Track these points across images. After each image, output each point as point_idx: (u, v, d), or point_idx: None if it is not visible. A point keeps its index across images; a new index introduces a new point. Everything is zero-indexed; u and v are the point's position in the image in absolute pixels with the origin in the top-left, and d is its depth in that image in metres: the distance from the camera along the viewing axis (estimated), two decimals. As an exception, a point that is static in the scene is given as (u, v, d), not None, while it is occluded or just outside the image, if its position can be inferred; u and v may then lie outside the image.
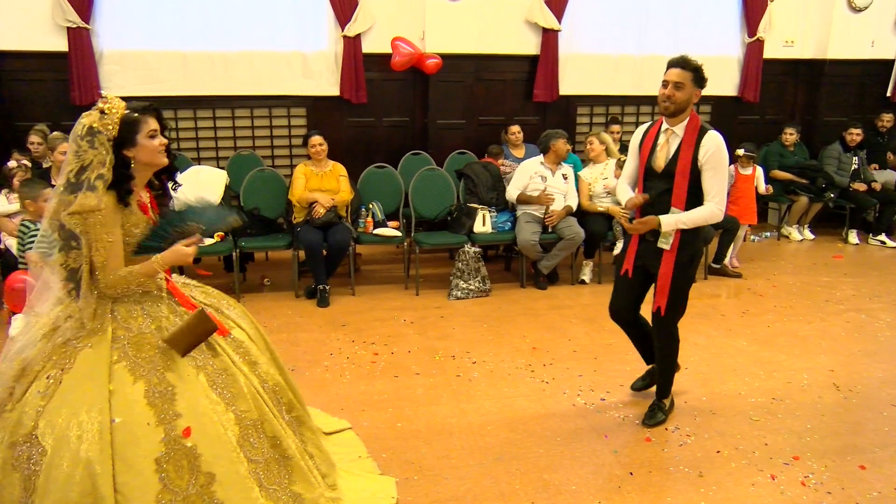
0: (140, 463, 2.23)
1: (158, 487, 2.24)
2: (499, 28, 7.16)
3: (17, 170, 4.89)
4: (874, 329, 5.04)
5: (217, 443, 2.34)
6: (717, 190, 3.26)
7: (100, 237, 2.30)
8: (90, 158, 2.29)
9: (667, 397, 3.67)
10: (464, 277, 5.65)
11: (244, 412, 2.46)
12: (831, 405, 3.86)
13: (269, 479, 2.50)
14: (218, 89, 6.71)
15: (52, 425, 2.21)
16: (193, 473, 2.29)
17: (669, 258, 3.34)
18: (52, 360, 2.32)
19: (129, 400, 2.26)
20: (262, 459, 2.49)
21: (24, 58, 6.23)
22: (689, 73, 3.23)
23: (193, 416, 2.32)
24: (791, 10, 8.04)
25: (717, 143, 3.27)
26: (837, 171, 7.63)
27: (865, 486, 3.09)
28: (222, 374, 2.46)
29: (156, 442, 2.26)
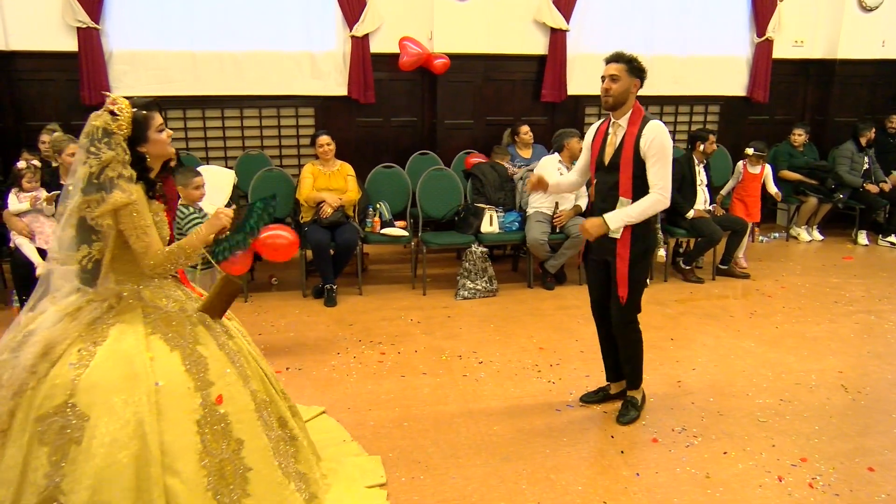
0: (183, 423, 2.36)
1: (200, 448, 2.36)
2: (507, 28, 7.15)
3: (26, 170, 4.91)
4: (883, 330, 5.01)
5: (244, 412, 2.50)
6: (661, 178, 3.29)
7: (137, 225, 2.42)
8: (109, 159, 2.40)
9: (636, 389, 3.68)
10: (471, 277, 5.65)
11: (256, 391, 2.61)
12: (840, 407, 3.84)
13: (279, 455, 2.63)
14: (227, 89, 6.73)
15: (93, 393, 2.27)
16: (226, 438, 2.44)
17: (623, 250, 3.37)
18: (82, 336, 2.39)
19: (169, 366, 2.40)
20: (273, 436, 2.63)
21: (34, 58, 6.27)
22: (623, 64, 3.29)
23: (223, 386, 2.48)
24: (801, 10, 8.00)
25: (657, 131, 3.28)
26: (850, 170, 7.59)
27: (874, 489, 3.07)
28: (238, 354, 2.63)
29: (196, 405, 2.39)
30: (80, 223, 2.45)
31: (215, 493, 2.37)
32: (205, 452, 2.37)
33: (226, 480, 2.41)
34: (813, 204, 7.53)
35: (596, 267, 3.60)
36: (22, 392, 2.31)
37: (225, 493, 2.40)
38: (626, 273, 3.40)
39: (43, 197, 4.92)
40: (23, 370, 2.33)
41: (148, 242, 2.45)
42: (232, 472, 2.43)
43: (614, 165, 3.36)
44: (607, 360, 3.80)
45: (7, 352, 2.41)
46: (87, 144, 2.43)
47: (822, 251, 7.32)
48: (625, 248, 3.37)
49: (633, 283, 3.42)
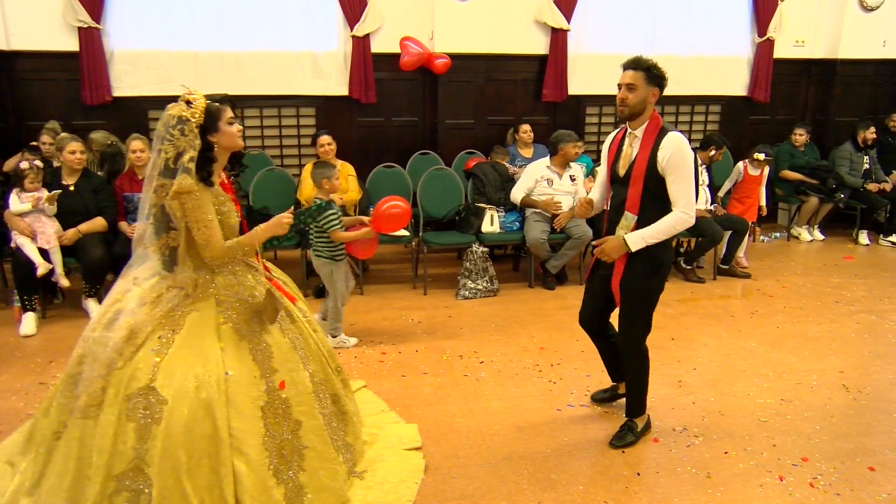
0: (249, 410, 2.57)
1: (264, 432, 2.58)
2: (508, 28, 7.16)
3: (29, 171, 4.92)
4: (885, 330, 5.01)
5: (302, 395, 2.72)
6: (683, 195, 3.07)
7: (199, 217, 2.59)
8: (183, 145, 2.57)
9: (639, 416, 3.47)
10: (472, 277, 5.65)
11: (314, 372, 2.86)
12: (841, 407, 3.84)
13: (331, 430, 2.88)
14: (229, 89, 6.68)
15: (170, 378, 2.49)
16: (287, 421, 2.67)
17: (620, 263, 3.20)
18: (161, 323, 2.60)
19: (238, 356, 2.61)
20: (327, 413, 2.88)
21: (35, 57, 6.28)
22: (641, 72, 3.09)
23: (286, 372, 2.70)
24: (802, 10, 8.00)
25: (676, 144, 3.06)
26: (850, 171, 7.59)
27: (875, 488, 3.07)
28: (299, 338, 2.85)
29: (260, 392, 2.61)
30: (157, 213, 2.63)
31: (276, 472, 2.60)
32: (267, 436, 2.59)
33: (285, 459, 2.64)
34: (814, 204, 7.53)
35: (600, 283, 3.39)
36: (111, 371, 2.54)
37: (284, 470, 2.63)
38: (617, 285, 3.23)
39: (45, 197, 4.92)
40: (112, 351, 2.56)
41: (208, 235, 2.61)
42: (290, 451, 2.66)
43: (629, 178, 3.16)
44: (607, 363, 3.73)
45: (100, 328, 2.63)
46: (163, 133, 2.58)
47: (824, 251, 7.32)
48: (621, 262, 3.19)
49: (644, 299, 3.25)
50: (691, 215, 3.10)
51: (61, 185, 5.10)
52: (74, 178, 5.16)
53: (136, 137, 5.30)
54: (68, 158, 5.09)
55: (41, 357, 4.43)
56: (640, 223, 3.14)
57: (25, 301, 4.89)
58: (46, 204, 4.92)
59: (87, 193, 5.14)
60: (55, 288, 5.32)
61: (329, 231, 4.37)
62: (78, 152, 5.09)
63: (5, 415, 3.66)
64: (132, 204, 5.29)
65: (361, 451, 3.12)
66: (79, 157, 5.10)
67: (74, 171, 5.14)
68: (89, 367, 2.60)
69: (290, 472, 2.66)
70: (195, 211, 2.57)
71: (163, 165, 2.58)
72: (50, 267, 4.88)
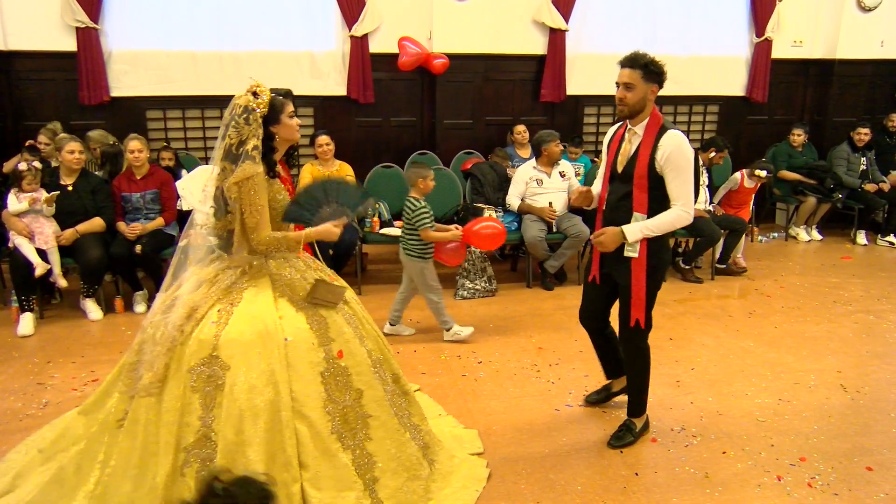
0: (309, 374, 2.67)
1: (325, 396, 2.68)
2: (506, 28, 7.16)
3: (27, 172, 4.91)
4: (882, 330, 5.02)
5: (361, 365, 2.79)
6: (683, 193, 3.07)
7: (253, 202, 2.69)
8: (247, 133, 2.69)
9: (639, 416, 3.46)
10: (470, 277, 5.65)
11: (371, 349, 2.90)
12: (839, 406, 3.84)
13: (396, 407, 2.91)
14: (226, 89, 6.67)
15: (232, 346, 2.61)
16: (348, 389, 2.74)
17: (639, 268, 3.16)
18: (220, 298, 2.73)
19: (295, 324, 2.72)
20: (388, 390, 2.91)
21: (33, 58, 6.27)
22: (638, 70, 3.06)
23: (343, 342, 2.78)
24: (800, 10, 8.00)
25: (675, 142, 3.05)
26: (847, 171, 7.60)
27: (873, 488, 3.08)
28: (353, 317, 2.92)
29: (320, 358, 2.71)
30: (217, 198, 2.76)
31: (339, 436, 2.68)
32: (329, 400, 2.68)
33: (349, 425, 2.72)
34: (812, 204, 7.53)
35: (603, 280, 3.39)
36: (173, 348, 2.66)
37: (349, 435, 2.71)
38: (643, 296, 3.18)
39: (43, 198, 4.91)
40: (173, 329, 2.68)
41: (258, 221, 2.71)
42: (354, 418, 2.74)
43: (627, 176, 3.15)
44: (603, 359, 3.71)
45: (159, 313, 2.76)
46: (229, 120, 2.71)
47: (821, 251, 7.33)
48: (641, 270, 3.15)
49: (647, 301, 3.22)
50: (690, 213, 3.11)
51: (59, 186, 5.10)
52: (73, 178, 5.15)
53: (134, 137, 5.29)
54: (67, 158, 5.08)
55: (39, 357, 4.43)
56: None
57: (23, 301, 4.89)
58: (44, 205, 4.92)
59: (86, 194, 5.14)
60: (53, 288, 5.32)
61: (420, 229, 4.47)
62: (77, 152, 5.09)
63: (3, 415, 3.66)
64: (130, 204, 5.29)
65: (430, 435, 3.11)
66: (77, 157, 5.10)
67: (73, 172, 5.14)
68: (150, 349, 2.71)
69: (355, 439, 2.72)
70: (250, 196, 2.68)
71: (226, 150, 2.71)
72: (48, 267, 4.87)
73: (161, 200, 5.38)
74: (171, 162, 5.96)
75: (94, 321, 5.06)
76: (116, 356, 4.43)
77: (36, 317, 4.95)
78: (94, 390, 3.10)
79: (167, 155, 5.99)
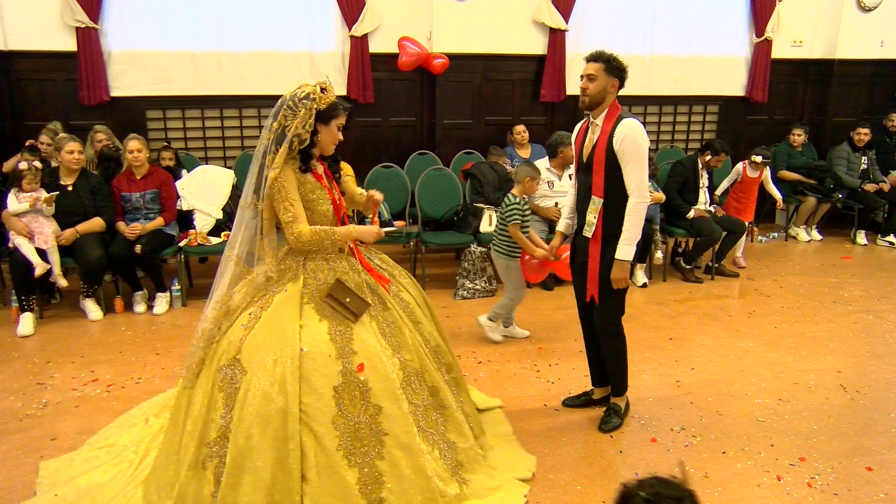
0: (321, 388, 2.64)
1: (335, 412, 2.63)
2: (506, 28, 7.16)
3: (27, 172, 4.91)
4: (882, 330, 5.02)
5: (385, 380, 2.72)
6: (636, 180, 3.20)
7: (285, 198, 2.74)
8: (298, 120, 2.75)
9: (620, 396, 3.60)
10: (470, 277, 5.65)
11: (407, 360, 2.85)
12: (838, 406, 3.84)
13: (427, 422, 2.85)
14: (227, 89, 6.74)
15: (253, 351, 2.66)
16: (364, 404, 2.68)
17: (595, 248, 3.31)
18: (254, 300, 2.81)
19: (315, 334, 2.69)
20: (421, 404, 2.84)
21: (33, 58, 6.27)
22: (601, 63, 3.22)
23: (366, 355, 2.71)
24: (799, 10, 8.00)
25: (630, 129, 3.18)
26: (847, 171, 7.60)
27: (872, 488, 3.08)
28: (391, 325, 2.86)
29: (335, 372, 2.66)
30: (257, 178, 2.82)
31: (347, 452, 2.63)
32: (340, 415, 2.63)
33: (361, 442, 2.66)
34: (812, 204, 7.53)
35: (580, 271, 3.48)
36: (209, 344, 2.77)
37: (358, 453, 2.65)
38: (596, 273, 3.32)
39: (43, 198, 4.91)
40: (211, 323, 2.80)
41: (293, 214, 2.76)
42: (368, 435, 2.67)
43: (590, 165, 3.30)
44: (592, 364, 3.74)
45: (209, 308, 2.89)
46: (288, 101, 2.77)
47: (821, 251, 7.33)
48: (596, 247, 3.31)
49: (606, 283, 3.32)
50: (645, 197, 3.23)
51: (59, 186, 5.10)
52: (72, 178, 5.15)
53: (133, 137, 5.29)
54: (66, 158, 5.08)
55: (39, 357, 4.42)
56: (605, 206, 3.27)
57: (23, 301, 4.89)
58: (44, 205, 4.92)
59: (85, 194, 5.14)
60: (53, 288, 5.32)
61: (509, 224, 4.50)
62: (76, 152, 5.09)
63: (3, 415, 3.66)
64: (130, 204, 5.29)
65: (466, 454, 2.97)
66: (77, 157, 5.10)
67: (72, 172, 5.14)
68: (196, 341, 2.83)
69: (366, 457, 2.66)
70: (281, 192, 2.74)
71: (276, 132, 2.77)
72: (48, 267, 4.87)
73: (161, 200, 5.38)
74: (170, 162, 5.96)
75: (93, 321, 5.06)
76: (116, 356, 4.44)
77: (36, 317, 4.94)
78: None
79: (167, 155, 5.99)
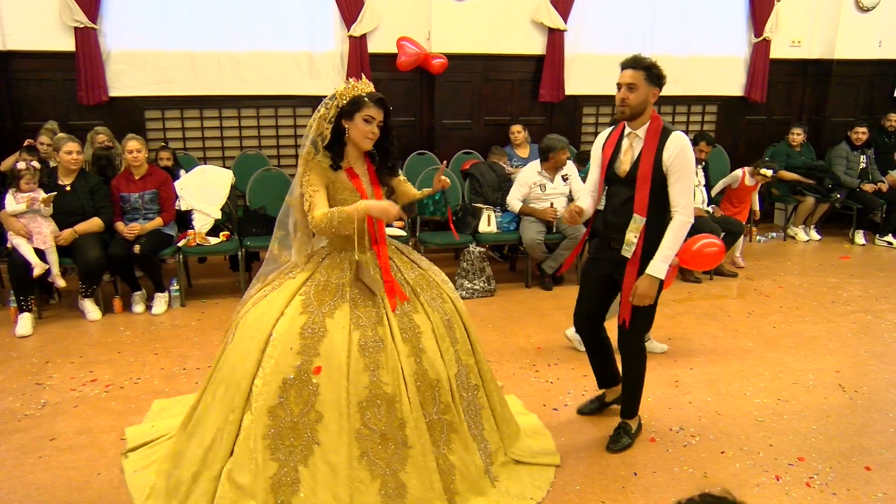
0: (271, 376, 2.67)
1: (276, 402, 2.66)
2: (505, 28, 7.15)
3: (26, 172, 4.91)
4: (881, 330, 5.02)
5: (336, 392, 2.66)
6: (683, 197, 3.07)
7: (306, 190, 2.81)
8: (323, 115, 2.83)
9: (632, 418, 3.44)
10: (469, 277, 5.65)
11: (382, 383, 2.70)
12: (837, 406, 3.85)
13: (376, 452, 2.70)
14: (225, 89, 6.73)
15: (244, 328, 2.81)
16: (307, 407, 2.66)
17: (633, 269, 3.14)
18: (272, 282, 2.95)
19: (289, 325, 2.72)
20: (377, 430, 2.69)
21: (32, 57, 6.26)
22: (641, 72, 3.04)
23: (328, 362, 2.67)
24: (798, 10, 8.01)
25: (681, 144, 3.04)
26: (846, 171, 7.61)
27: (871, 488, 3.08)
28: (377, 342, 2.74)
29: (289, 366, 2.67)
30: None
31: (272, 444, 2.65)
32: (279, 407, 2.66)
33: (290, 441, 2.66)
34: (810, 203, 7.54)
35: (596, 282, 3.38)
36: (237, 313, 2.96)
37: (283, 449, 2.66)
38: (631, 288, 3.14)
39: (41, 198, 4.91)
40: (246, 296, 3.01)
41: (311, 203, 2.79)
42: (300, 437, 2.66)
43: (631, 179, 3.11)
44: (596, 367, 3.64)
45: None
46: (326, 100, 2.85)
47: (820, 251, 7.33)
48: (634, 267, 3.13)
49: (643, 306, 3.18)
50: (691, 217, 3.11)
51: (57, 186, 5.09)
52: (71, 178, 5.15)
53: (132, 137, 5.29)
54: (65, 159, 5.08)
55: (37, 357, 4.42)
56: (647, 225, 3.10)
57: (21, 301, 4.88)
58: (42, 205, 4.91)
59: (84, 194, 5.13)
60: (51, 288, 5.32)
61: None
62: (74, 153, 5.08)
63: (2, 415, 3.65)
64: (129, 204, 5.29)
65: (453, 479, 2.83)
66: (75, 158, 5.09)
67: (71, 172, 5.14)
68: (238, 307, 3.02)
69: (290, 456, 2.66)
70: (307, 187, 2.81)
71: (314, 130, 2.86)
72: (46, 267, 4.87)
73: (159, 200, 5.38)
74: (169, 162, 5.96)
75: (92, 321, 5.05)
76: (115, 356, 4.44)
77: (34, 317, 4.94)
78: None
79: (166, 155, 5.99)
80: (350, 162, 2.89)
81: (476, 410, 3.06)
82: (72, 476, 3.10)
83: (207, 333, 4.83)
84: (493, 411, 3.16)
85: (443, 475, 2.79)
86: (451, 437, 2.84)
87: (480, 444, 3.00)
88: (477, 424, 3.03)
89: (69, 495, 2.96)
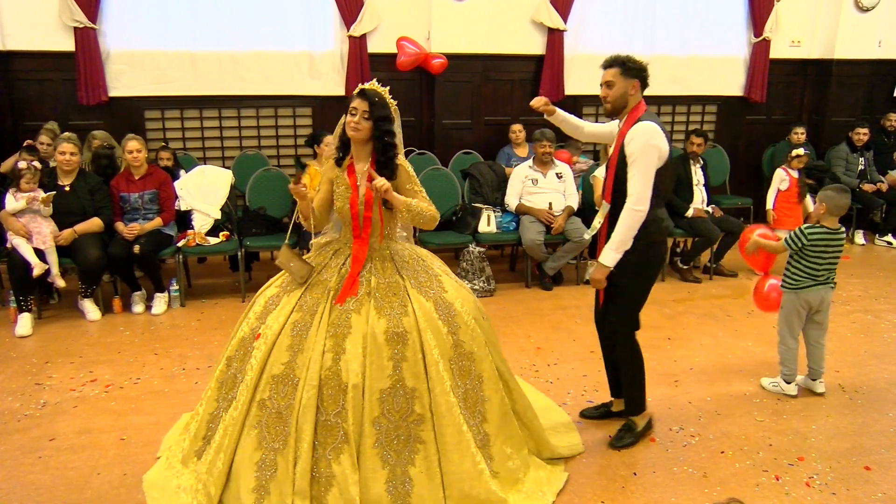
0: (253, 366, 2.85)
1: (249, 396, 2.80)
2: (504, 28, 7.15)
3: (26, 171, 4.91)
4: (881, 330, 5.02)
5: (261, 360, 2.80)
6: (635, 186, 3.03)
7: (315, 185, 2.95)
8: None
9: (637, 414, 3.44)
10: (468, 277, 5.65)
11: (297, 366, 2.76)
12: (837, 406, 3.85)
13: (269, 428, 2.78)
14: (224, 89, 6.73)
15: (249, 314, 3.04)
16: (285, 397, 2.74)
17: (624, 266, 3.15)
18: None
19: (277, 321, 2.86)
20: (273, 409, 2.77)
21: (31, 58, 6.25)
22: (617, 68, 3.15)
23: (266, 332, 2.86)
24: (797, 10, 8.00)
25: (640, 130, 3.04)
26: (846, 171, 7.60)
27: (871, 488, 3.08)
28: (306, 328, 2.81)
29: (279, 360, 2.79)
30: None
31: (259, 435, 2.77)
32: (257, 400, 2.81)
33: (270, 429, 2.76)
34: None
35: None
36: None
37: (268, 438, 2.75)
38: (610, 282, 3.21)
39: (41, 198, 4.91)
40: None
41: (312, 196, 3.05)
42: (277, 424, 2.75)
43: (607, 168, 3.27)
44: (610, 373, 3.62)
45: None
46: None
47: (820, 251, 7.31)
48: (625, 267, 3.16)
49: (627, 296, 3.24)
50: (641, 209, 3.04)
51: (57, 186, 5.09)
52: (70, 178, 5.15)
53: (132, 138, 5.29)
54: (59, 159, 5.09)
55: (37, 358, 4.42)
56: (612, 211, 3.20)
57: (21, 302, 4.88)
58: (41, 204, 4.91)
59: (84, 194, 5.13)
60: (51, 288, 5.32)
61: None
62: (68, 153, 5.07)
63: (2, 416, 3.65)
64: (128, 204, 5.29)
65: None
66: (68, 159, 5.08)
67: (66, 172, 5.13)
68: None
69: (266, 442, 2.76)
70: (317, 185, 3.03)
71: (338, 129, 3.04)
72: (46, 267, 4.87)
73: (159, 200, 5.38)
74: (169, 162, 5.95)
75: (92, 321, 5.05)
76: (115, 356, 4.44)
77: (34, 317, 4.94)
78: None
79: (165, 155, 5.99)
80: (355, 159, 2.99)
81: (406, 439, 2.75)
82: (72, 476, 3.10)
83: (207, 333, 4.83)
84: (440, 449, 2.78)
85: (319, 482, 2.70)
86: (341, 447, 2.69)
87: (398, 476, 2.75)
88: (401, 456, 2.74)
89: (69, 495, 2.96)
